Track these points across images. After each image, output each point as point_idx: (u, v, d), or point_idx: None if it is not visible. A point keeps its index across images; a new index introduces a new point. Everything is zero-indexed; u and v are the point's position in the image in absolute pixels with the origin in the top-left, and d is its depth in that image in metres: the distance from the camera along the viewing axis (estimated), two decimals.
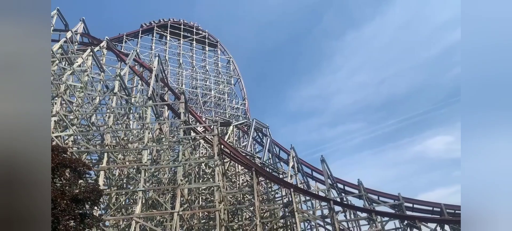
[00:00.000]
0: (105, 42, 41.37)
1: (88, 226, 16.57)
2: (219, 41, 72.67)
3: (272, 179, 39.44)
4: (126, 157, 33.09)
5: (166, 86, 42.36)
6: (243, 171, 43.14)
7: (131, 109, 35.73)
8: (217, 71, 69.39)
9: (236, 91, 68.39)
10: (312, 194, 40.06)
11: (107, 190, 28.83)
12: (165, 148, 33.47)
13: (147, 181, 29.56)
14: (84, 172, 17.83)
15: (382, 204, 39.39)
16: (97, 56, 35.89)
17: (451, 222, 35.06)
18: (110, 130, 29.87)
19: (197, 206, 35.34)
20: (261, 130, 50.66)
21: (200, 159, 38.58)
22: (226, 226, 30.64)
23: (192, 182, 33.11)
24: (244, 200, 40.99)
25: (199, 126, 38.86)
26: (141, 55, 53.69)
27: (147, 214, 27.44)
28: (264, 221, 36.28)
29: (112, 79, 34.58)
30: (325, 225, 37.02)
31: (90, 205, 16.94)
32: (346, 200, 40.82)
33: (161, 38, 66.80)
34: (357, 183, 40.78)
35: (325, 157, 42.06)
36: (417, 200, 39.25)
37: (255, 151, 50.90)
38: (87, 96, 33.12)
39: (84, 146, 29.81)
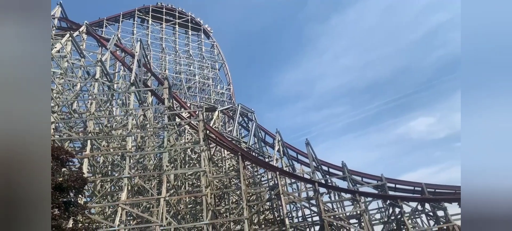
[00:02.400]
0: (84, 26, 40.17)
1: (73, 214, 16.44)
2: (203, 25, 71.56)
3: (258, 163, 39.77)
4: (110, 144, 32.69)
5: (149, 72, 41.64)
6: (229, 155, 43.26)
7: (114, 95, 35.13)
8: (201, 56, 68.53)
9: (220, 76, 67.94)
10: (297, 176, 40.65)
11: (92, 177, 28.53)
12: (149, 134, 33.18)
13: (132, 167, 29.35)
14: (67, 159, 17.56)
15: (365, 185, 40.38)
16: (76, 42, 34.87)
17: (431, 200, 36.33)
18: (93, 116, 29.35)
19: (183, 191, 35.37)
20: (246, 114, 50.70)
21: (185, 145, 38.44)
22: (213, 210, 30.88)
23: (178, 167, 33.06)
24: (230, 184, 41.27)
25: (184, 111, 38.57)
26: (123, 40, 52.40)
27: (133, 201, 27.36)
28: (251, 204, 36.73)
29: (93, 65, 33.79)
30: (310, 206, 37.74)
31: (74, 193, 16.77)
32: (330, 181, 41.62)
33: (143, 22, 65.26)
34: (341, 165, 41.57)
35: (310, 140, 42.60)
36: (399, 180, 40.35)
37: (241, 135, 50.96)
38: (67, 83, 32.30)
39: (66, 133, 29.24)
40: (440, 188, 39.24)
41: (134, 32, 61.55)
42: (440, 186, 39.58)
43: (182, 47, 67.46)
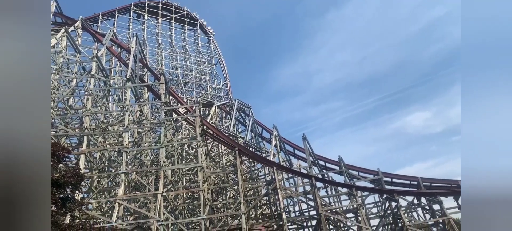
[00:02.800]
0: (80, 22, 39.83)
1: (70, 210, 16.42)
2: (199, 19, 71.19)
3: (255, 158, 39.84)
4: (107, 140, 32.59)
5: (145, 67, 41.47)
6: (226, 151, 43.31)
7: (110, 91, 34.95)
8: (198, 51, 68.26)
9: (217, 71, 67.73)
10: (294, 171, 40.78)
11: (89, 173, 28.46)
12: (146, 130, 33.12)
13: (129, 163, 29.31)
14: (64, 155, 17.48)
15: (362, 179, 40.59)
16: (72, 37, 34.59)
17: (427, 194, 36.59)
18: (89, 112, 29.21)
19: (181, 187, 35.42)
20: (243, 110, 50.66)
21: (182, 140, 38.43)
22: (210, 205, 30.95)
23: (175, 163, 33.06)
24: (228, 179, 41.36)
25: (181, 107, 38.48)
26: (118, 35, 52.08)
27: (130, 196, 27.36)
28: (248, 199, 36.85)
29: (88, 60, 33.58)
30: (307, 201, 37.93)
31: (71, 189, 16.73)
32: (327, 176, 41.79)
33: (139, 17, 64.84)
34: (337, 159, 41.73)
35: (306, 135, 42.77)
36: (395, 174, 40.57)
37: (238, 131, 50.98)
38: (63, 79, 32.07)
39: (62, 129, 29.10)
40: (436, 182, 39.52)
41: (130, 28, 61.14)
42: (436, 180, 39.87)
43: (179, 43, 67.15)
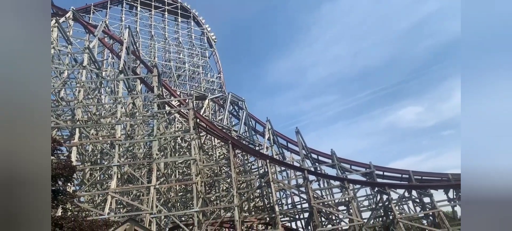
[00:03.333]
0: (71, 12, 39.27)
1: (61, 202, 16.34)
2: (192, 11, 70.62)
3: (249, 151, 39.96)
4: (99, 132, 32.37)
5: (138, 59, 41.11)
6: (219, 144, 43.32)
7: (102, 83, 34.64)
8: (191, 44, 67.83)
9: (211, 64, 67.44)
10: (287, 164, 41.02)
11: (81, 166, 28.30)
12: (139, 122, 32.94)
13: (121, 156, 29.19)
14: (55, 148, 17.34)
15: (354, 173, 41.02)
16: (63, 28, 34.11)
17: (418, 187, 37.13)
18: (81, 104, 28.96)
19: (174, 180, 35.41)
20: (237, 103, 50.62)
21: (175, 133, 38.31)
22: (203, 198, 31.02)
23: (168, 156, 33.00)
24: (221, 172, 41.44)
25: (174, 99, 38.32)
26: (111, 27, 51.48)
27: (123, 189, 27.30)
28: (241, 191, 37.01)
29: (80, 52, 33.16)
30: (300, 193, 38.24)
31: (63, 181, 16.63)
32: (319, 169, 42.12)
33: (131, 9, 64.08)
34: (330, 153, 42.05)
35: (300, 129, 42.98)
36: (387, 168, 41.08)
37: (231, 124, 50.99)
38: (54, 70, 31.67)
39: (54, 121, 28.81)
40: (426, 175, 40.13)
41: (122, 19, 60.41)
42: (427, 173, 40.48)
43: (172, 35, 66.63)
